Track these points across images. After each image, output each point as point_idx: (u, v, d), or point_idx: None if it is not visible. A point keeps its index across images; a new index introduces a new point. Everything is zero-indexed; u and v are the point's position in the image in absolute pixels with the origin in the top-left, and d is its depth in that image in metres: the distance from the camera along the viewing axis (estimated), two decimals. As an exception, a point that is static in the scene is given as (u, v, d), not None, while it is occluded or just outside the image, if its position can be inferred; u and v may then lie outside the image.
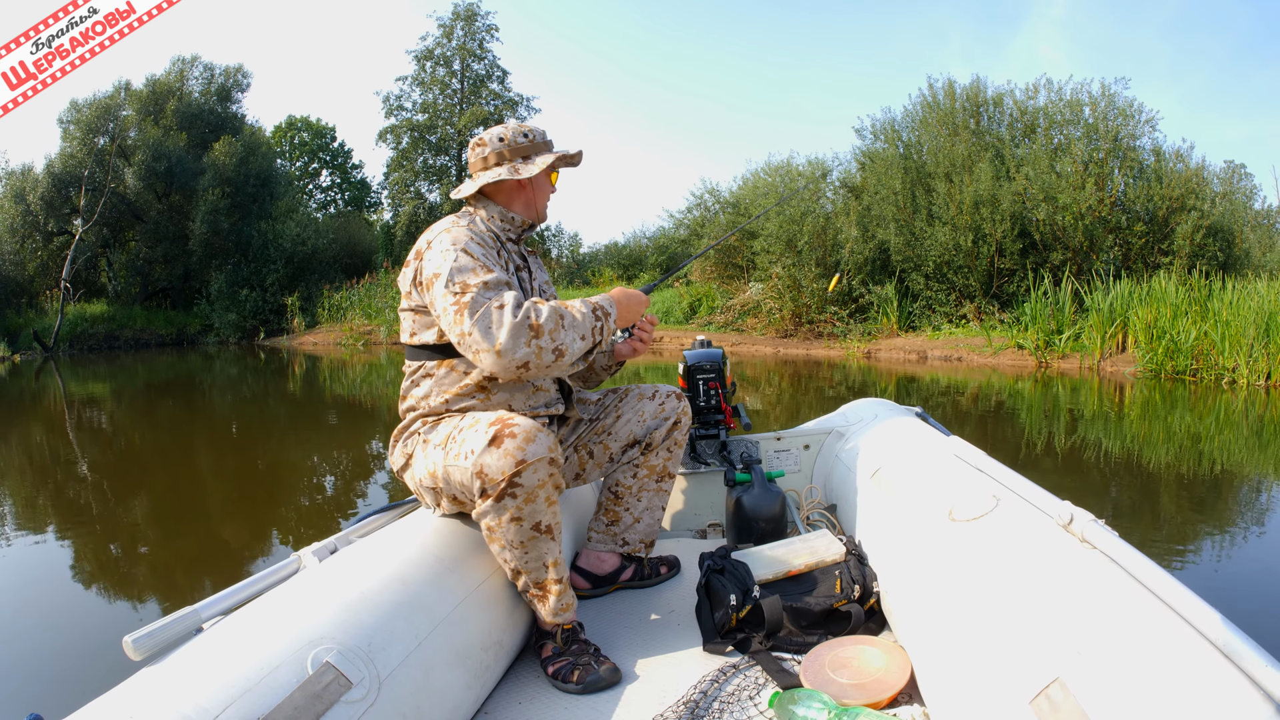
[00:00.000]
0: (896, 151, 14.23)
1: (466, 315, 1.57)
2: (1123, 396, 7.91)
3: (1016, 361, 10.78)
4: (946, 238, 12.27)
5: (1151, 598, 1.04)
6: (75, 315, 20.83)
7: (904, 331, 13.11)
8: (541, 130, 1.93)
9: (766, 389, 9.41)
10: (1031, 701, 1.03)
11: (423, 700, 1.30)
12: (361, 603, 1.34)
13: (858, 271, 13.69)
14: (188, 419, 9.01)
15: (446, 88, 27.86)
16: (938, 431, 2.25)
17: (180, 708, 0.99)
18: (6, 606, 3.22)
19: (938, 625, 1.41)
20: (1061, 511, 1.31)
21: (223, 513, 4.55)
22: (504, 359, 1.55)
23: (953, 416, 6.74)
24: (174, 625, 1.18)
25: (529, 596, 1.69)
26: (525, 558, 1.63)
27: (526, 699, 1.61)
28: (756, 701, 1.51)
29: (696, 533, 2.68)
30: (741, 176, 17.99)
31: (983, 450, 1.85)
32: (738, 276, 16.21)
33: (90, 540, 4.03)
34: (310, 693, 1.10)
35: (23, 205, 21.78)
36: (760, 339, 14.46)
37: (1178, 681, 0.90)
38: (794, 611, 1.74)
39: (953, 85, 13.95)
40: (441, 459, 1.66)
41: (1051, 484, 1.51)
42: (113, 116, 22.70)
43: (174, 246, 23.41)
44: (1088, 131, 12.19)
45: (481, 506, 1.58)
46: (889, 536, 1.84)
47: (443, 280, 1.63)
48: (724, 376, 2.44)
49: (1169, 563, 3.08)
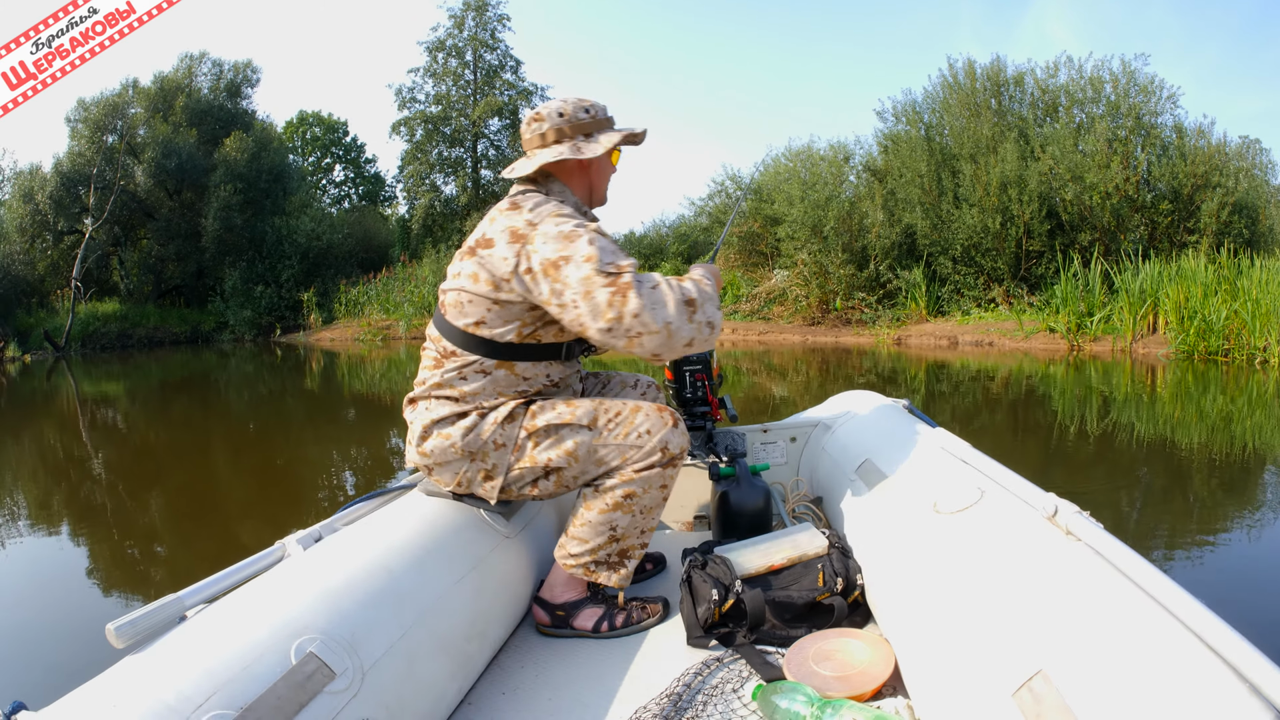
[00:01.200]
0: (919, 134, 13.99)
1: (632, 296, 1.53)
2: (1155, 379, 7.83)
3: (1048, 345, 10.59)
4: (974, 220, 12.07)
5: (1135, 589, 1.05)
6: (87, 314, 20.60)
7: (933, 316, 12.91)
8: (603, 105, 1.84)
9: (794, 378, 9.30)
10: (1015, 694, 1.04)
11: (406, 691, 1.29)
12: (345, 592, 1.33)
13: (885, 256, 13.46)
14: (199, 415, 8.91)
15: (459, 79, 27.71)
16: (924, 424, 2.26)
17: (163, 696, 0.98)
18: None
19: (922, 618, 1.42)
20: (1046, 504, 1.32)
21: (228, 508, 4.52)
22: (674, 338, 1.56)
23: (983, 404, 6.66)
24: (157, 613, 1.17)
25: (606, 565, 1.81)
26: (640, 525, 1.80)
27: (510, 689, 1.61)
28: (740, 694, 1.52)
29: (682, 525, 2.68)
30: (762, 163, 17.80)
31: (1012, 442, 1.86)
32: (762, 264, 15.99)
33: (85, 531, 4.01)
34: (293, 683, 1.09)
35: (31, 205, 21.50)
36: (787, 327, 14.23)
37: (1161, 673, 0.91)
38: (777, 605, 1.75)
39: (973, 65, 13.72)
40: (588, 440, 1.72)
41: (1082, 472, 1.51)
42: (121, 114, 22.42)
43: (186, 244, 23.19)
44: (1110, 109, 12.05)
45: (648, 475, 1.74)
46: (874, 529, 1.85)
47: (582, 264, 1.55)
48: (711, 369, 2.44)
49: (1196, 553, 3.07)
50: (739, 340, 14.14)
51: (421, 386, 1.77)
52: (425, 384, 1.77)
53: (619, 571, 1.84)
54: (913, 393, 7.26)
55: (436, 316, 1.79)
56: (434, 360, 1.77)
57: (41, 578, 3.37)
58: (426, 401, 1.76)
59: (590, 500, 1.80)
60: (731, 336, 14.48)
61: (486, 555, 1.73)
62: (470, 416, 1.72)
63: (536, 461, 1.73)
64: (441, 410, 1.73)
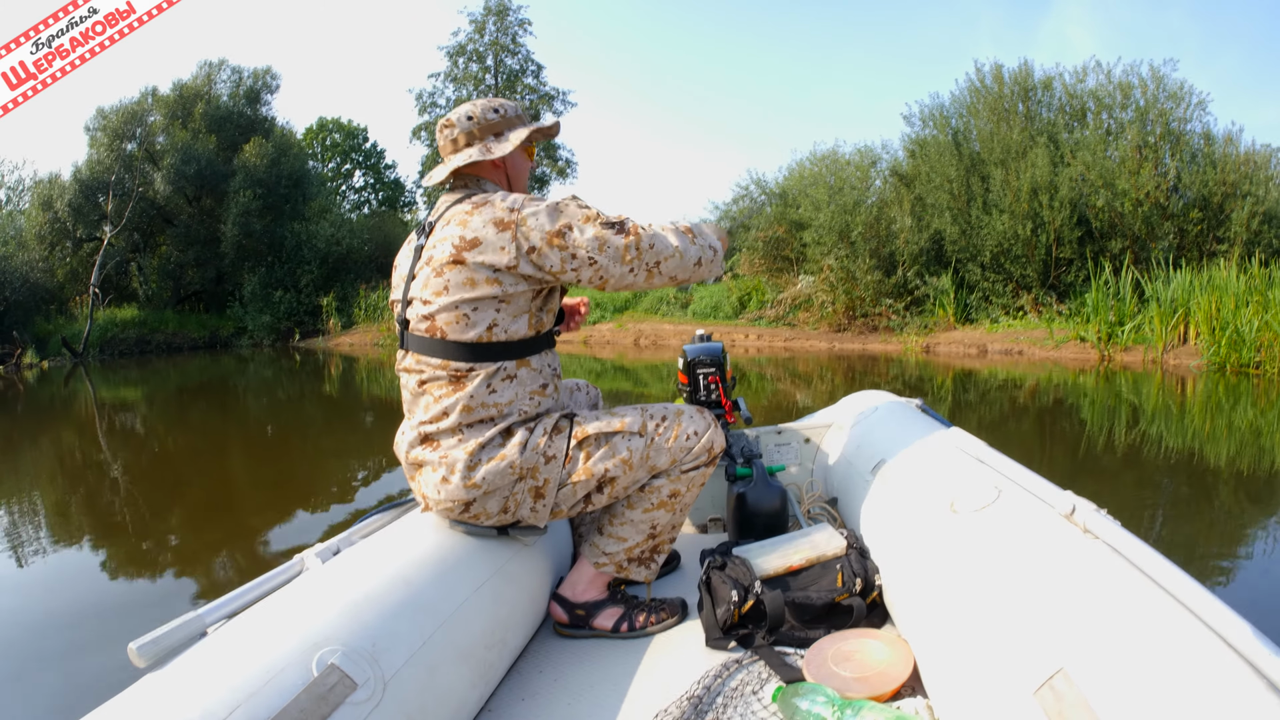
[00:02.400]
0: (947, 138, 13.71)
1: (643, 233, 1.65)
2: (1185, 391, 7.65)
3: (1079, 355, 10.35)
4: (1005, 226, 11.86)
5: (1154, 587, 1.05)
6: (106, 320, 20.72)
7: (961, 324, 12.64)
8: (514, 104, 1.84)
9: (819, 385, 9.17)
10: (1035, 693, 1.03)
11: (428, 700, 1.30)
12: (365, 604, 1.34)
13: (912, 262, 13.20)
14: (217, 422, 8.93)
15: (480, 83, 27.70)
16: (939, 423, 2.25)
17: (186, 713, 0.99)
18: (10, 614, 3.22)
19: (940, 617, 1.41)
20: (1064, 502, 1.32)
21: (248, 517, 4.53)
22: (685, 258, 1.70)
23: (1009, 414, 6.56)
24: (178, 631, 1.18)
25: (639, 562, 1.87)
26: (676, 521, 1.87)
27: (530, 695, 1.62)
28: (760, 696, 1.51)
29: (697, 528, 2.68)
30: (787, 167, 17.50)
31: (1040, 453, 1.84)
32: (786, 269, 15.75)
33: (103, 545, 4.03)
34: (316, 695, 1.10)
35: (50, 213, 21.68)
36: (813, 333, 13.97)
37: (1181, 670, 0.90)
38: (796, 606, 1.74)
39: (1000, 69, 13.49)
40: (641, 446, 1.75)
41: (1108, 483, 1.49)
42: (140, 122, 22.59)
43: (206, 249, 23.24)
44: (1139, 115, 11.82)
45: (694, 475, 1.83)
46: (890, 529, 1.84)
47: (585, 226, 1.62)
48: (724, 371, 2.44)
49: (1223, 564, 3.03)
50: (764, 346, 13.95)
51: (445, 420, 1.66)
52: (449, 415, 1.65)
53: (649, 566, 1.89)
54: (939, 401, 7.15)
55: (424, 344, 1.67)
56: (449, 388, 1.66)
57: (60, 593, 3.39)
58: (457, 434, 1.66)
59: (633, 500, 1.81)
60: (757, 343, 14.28)
61: (505, 563, 1.73)
62: (519, 432, 1.67)
63: (592, 473, 1.71)
64: (485, 433, 1.65)
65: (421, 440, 1.70)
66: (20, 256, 20.26)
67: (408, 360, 1.73)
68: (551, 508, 1.72)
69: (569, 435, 1.72)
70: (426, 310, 1.66)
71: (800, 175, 16.14)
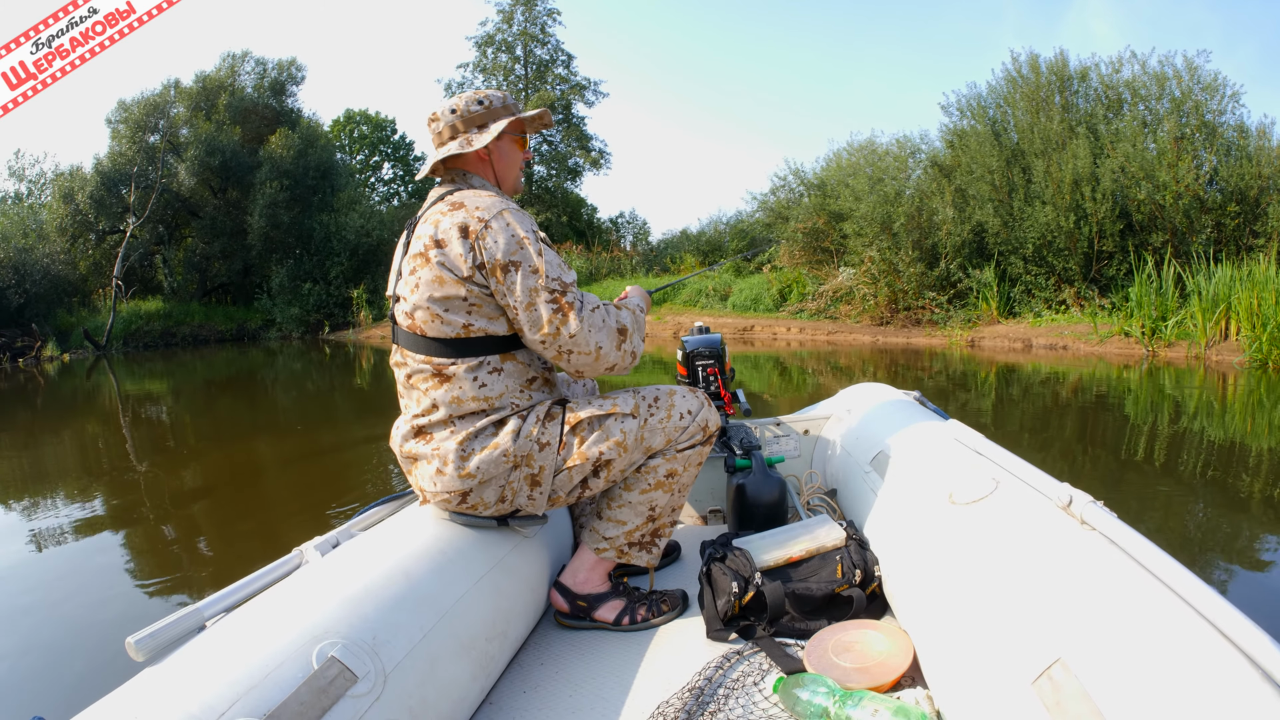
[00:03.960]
0: (988, 129, 13.44)
1: (573, 317, 1.61)
2: (1225, 389, 7.45)
3: (1123, 350, 10.12)
4: (1048, 218, 11.61)
5: (1150, 578, 1.05)
6: (130, 313, 20.71)
7: (1004, 318, 12.40)
8: (501, 95, 1.79)
9: (860, 379, 8.87)
10: (1034, 682, 1.04)
11: (428, 692, 1.30)
12: (365, 596, 1.34)
13: (955, 254, 12.95)
14: (243, 414, 8.86)
15: (510, 73, 27.50)
16: (936, 415, 2.25)
17: (186, 706, 0.99)
18: (9, 608, 3.22)
19: (939, 608, 1.42)
20: (1061, 493, 1.32)
21: (273, 512, 4.52)
22: (600, 362, 1.67)
23: (1052, 409, 6.42)
24: (176, 625, 1.18)
25: (639, 546, 1.86)
26: (674, 502, 1.86)
27: (531, 688, 1.62)
28: (761, 687, 1.52)
29: (698, 519, 2.69)
30: (824, 157, 17.24)
31: (1082, 454, 1.81)
32: (826, 261, 15.50)
33: (108, 540, 4.02)
34: (316, 687, 1.10)
35: (72, 205, 21.65)
36: (856, 327, 13.70)
37: (1177, 660, 0.91)
38: (796, 597, 1.75)
39: (1037, 59, 13.22)
40: (635, 428, 1.74)
41: (1147, 489, 1.45)
42: (162, 114, 22.52)
43: (232, 241, 23.15)
44: (1175, 106, 11.61)
45: (690, 454, 1.82)
46: (889, 520, 1.85)
47: (529, 274, 1.58)
48: (723, 362, 2.44)
49: (1248, 570, 2.99)
50: (806, 340, 13.66)
51: (435, 413, 1.67)
52: (438, 408, 1.66)
53: (651, 551, 1.87)
54: (982, 397, 7.05)
55: (409, 339, 1.69)
56: (435, 381, 1.66)
57: (58, 587, 3.38)
58: (449, 425, 1.67)
59: (630, 481, 1.81)
60: (799, 336, 14.01)
61: (505, 555, 1.73)
62: (512, 420, 1.67)
63: (587, 457, 1.70)
64: (477, 423, 1.65)
65: (415, 433, 1.71)
66: (41, 249, 20.24)
67: (397, 355, 1.74)
68: (549, 495, 1.72)
69: (562, 421, 1.72)
70: (407, 306, 1.67)
71: (838, 165, 15.89)
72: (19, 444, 7.53)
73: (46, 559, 3.74)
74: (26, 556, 3.78)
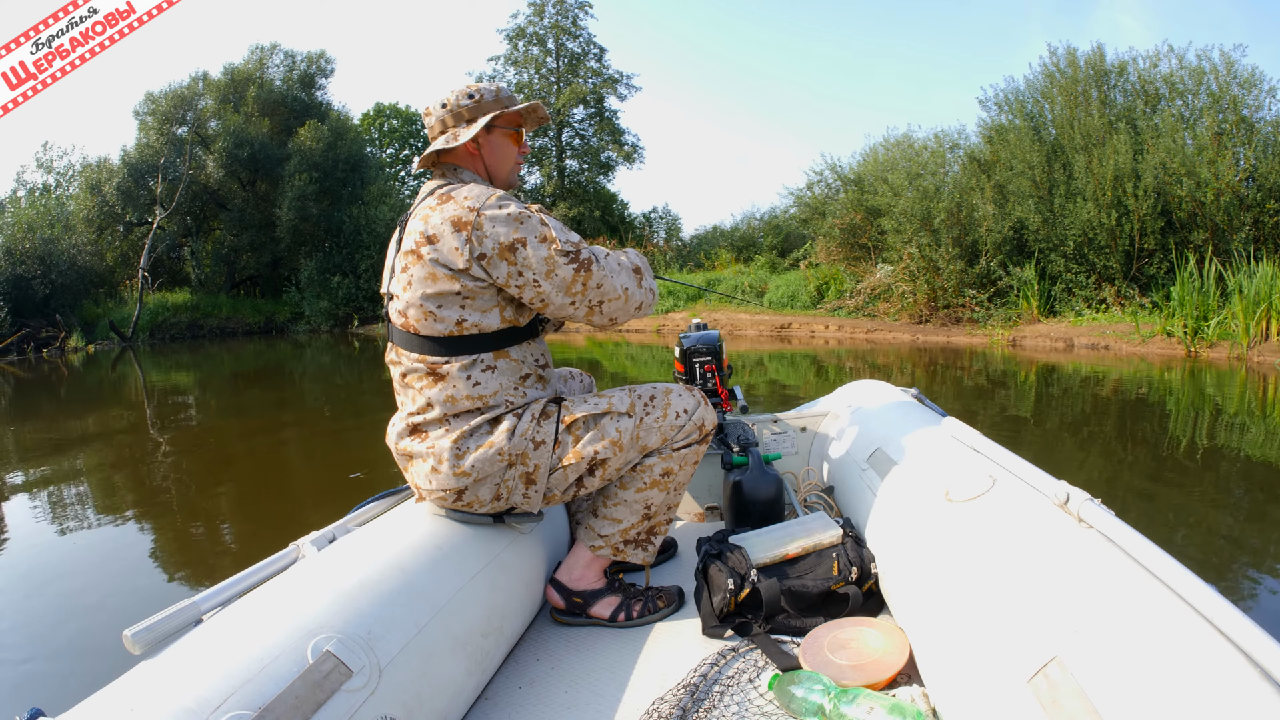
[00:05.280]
0: (1028, 124, 13.24)
1: (595, 268, 1.63)
2: (1266, 392, 7.28)
3: (1165, 350, 9.89)
4: (1089, 215, 11.38)
5: (1147, 575, 1.05)
6: (156, 304, 20.66)
7: (1045, 317, 12.13)
8: (494, 89, 1.76)
9: (898, 379, 8.65)
10: (1030, 680, 1.04)
11: (424, 687, 1.30)
12: (360, 591, 1.34)
13: (995, 252, 12.70)
14: (272, 405, 8.80)
15: (542, 66, 27.38)
16: (934, 412, 2.26)
17: (181, 699, 0.99)
18: (7, 599, 3.22)
19: (935, 606, 1.42)
20: (1058, 491, 1.32)
21: (280, 506, 4.51)
22: (629, 302, 1.69)
23: (1092, 412, 6.31)
24: (173, 618, 1.18)
25: (635, 544, 1.85)
26: (670, 501, 1.85)
27: (527, 683, 1.62)
28: (756, 684, 1.52)
29: (694, 516, 2.69)
30: (860, 152, 17.09)
31: (1122, 456, 1.77)
32: (864, 258, 15.26)
33: (107, 529, 4.01)
34: (311, 682, 1.10)
35: (98, 196, 21.60)
36: (895, 325, 13.40)
37: (1173, 657, 0.91)
38: (792, 594, 1.75)
39: (1074, 53, 13.01)
40: (631, 427, 1.74)
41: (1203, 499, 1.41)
42: (190, 106, 22.48)
43: (261, 234, 23.05)
44: (1214, 101, 11.38)
45: (686, 453, 1.81)
46: (886, 518, 1.84)
47: (539, 244, 1.58)
48: (721, 359, 2.44)
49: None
50: (845, 338, 13.42)
51: (430, 411, 1.67)
52: (432, 406, 1.66)
53: (646, 549, 1.87)
54: (1021, 397, 6.96)
55: (403, 337, 1.68)
56: (429, 380, 1.66)
57: (55, 579, 3.37)
58: (444, 424, 1.67)
59: (626, 480, 1.80)
60: (837, 334, 13.78)
61: (501, 551, 1.73)
62: (507, 419, 1.67)
63: (582, 456, 1.70)
64: (471, 422, 1.65)
65: (410, 431, 1.71)
66: (67, 240, 20.16)
67: (391, 353, 1.74)
68: (544, 493, 1.72)
69: (557, 419, 1.71)
70: (400, 304, 1.66)
71: (874, 161, 15.70)
72: (33, 433, 7.52)
73: (45, 550, 3.74)
74: (25, 547, 3.78)
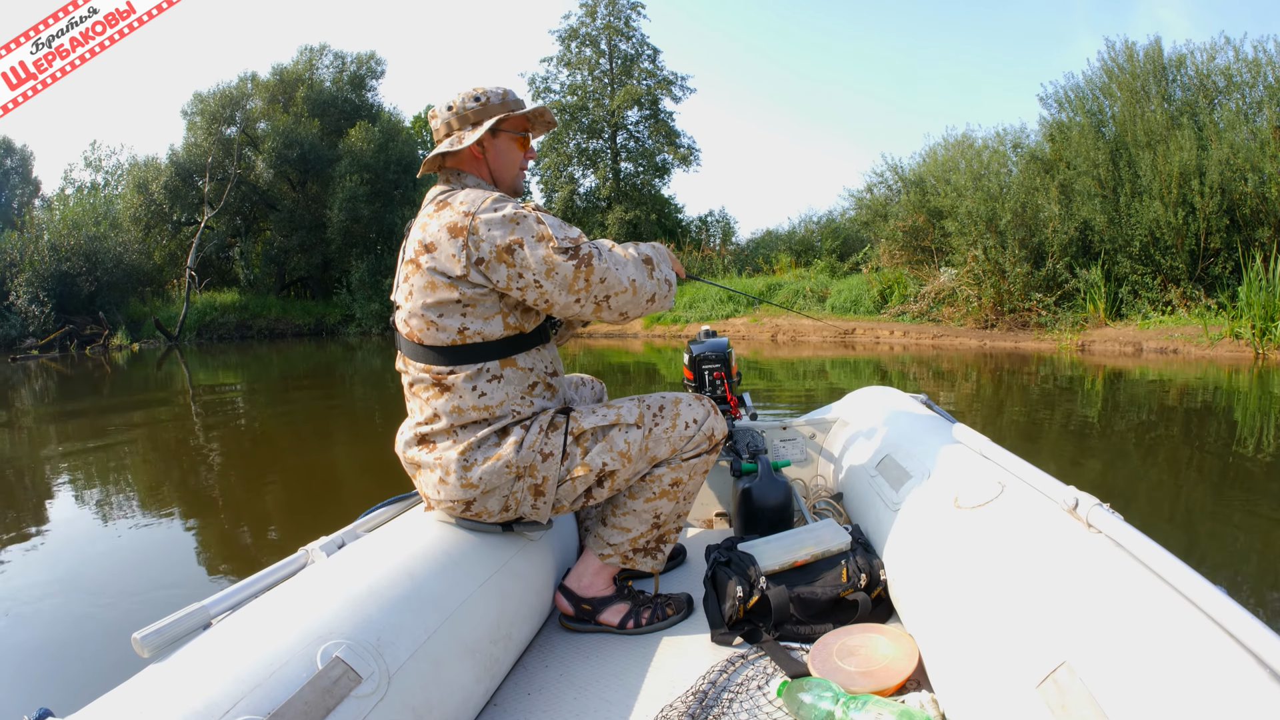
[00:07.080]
0: (1090, 122, 12.77)
1: (596, 262, 1.59)
2: None
3: (1234, 353, 9.60)
4: (1156, 213, 10.99)
5: (1157, 581, 1.04)
6: (204, 304, 20.73)
7: (1112, 320, 11.74)
8: (501, 91, 1.73)
9: (962, 386, 8.40)
10: (1039, 686, 1.03)
11: (432, 694, 1.30)
12: (370, 597, 1.34)
13: (1062, 254, 12.31)
14: (321, 407, 8.73)
15: (595, 68, 27.11)
16: (943, 419, 2.25)
17: (190, 703, 0.99)
18: (18, 600, 3.23)
19: (945, 612, 1.41)
20: (1067, 497, 1.31)
21: (307, 512, 4.47)
22: (638, 294, 1.65)
23: (1158, 419, 6.12)
24: (182, 622, 1.18)
25: (644, 552, 1.85)
26: (680, 510, 1.85)
27: (535, 690, 1.62)
28: (765, 691, 1.51)
29: (703, 523, 2.68)
30: (920, 153, 16.66)
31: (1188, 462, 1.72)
32: (927, 261, 14.90)
33: (115, 530, 4.00)
34: (320, 687, 1.10)
35: (146, 195, 21.70)
36: (960, 330, 12.98)
37: (1184, 662, 0.90)
38: (801, 601, 1.74)
39: (1132, 47, 12.61)
40: (640, 438, 1.73)
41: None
42: (239, 106, 22.60)
43: (311, 235, 23.01)
44: (1272, 94, 11.08)
45: (695, 463, 1.80)
46: (895, 524, 1.84)
47: (537, 244, 1.55)
48: (730, 366, 2.44)
49: None
50: (910, 344, 13.02)
51: (437, 422, 1.66)
52: (440, 417, 1.65)
53: (656, 557, 1.86)
54: (1089, 404, 6.79)
55: (409, 347, 1.68)
56: (435, 390, 1.65)
57: (66, 581, 3.38)
58: (451, 435, 1.65)
59: (635, 489, 1.80)
60: (903, 340, 13.41)
61: (510, 558, 1.73)
62: (515, 430, 1.65)
63: (590, 468, 1.69)
64: (478, 433, 1.64)
65: (418, 441, 1.70)
66: (114, 238, 20.23)
67: (399, 361, 1.74)
68: (553, 504, 1.71)
69: (565, 431, 1.70)
70: (404, 314, 1.66)
71: (935, 161, 15.44)
72: (64, 430, 7.52)
73: (58, 551, 3.74)
74: (37, 548, 3.78)
